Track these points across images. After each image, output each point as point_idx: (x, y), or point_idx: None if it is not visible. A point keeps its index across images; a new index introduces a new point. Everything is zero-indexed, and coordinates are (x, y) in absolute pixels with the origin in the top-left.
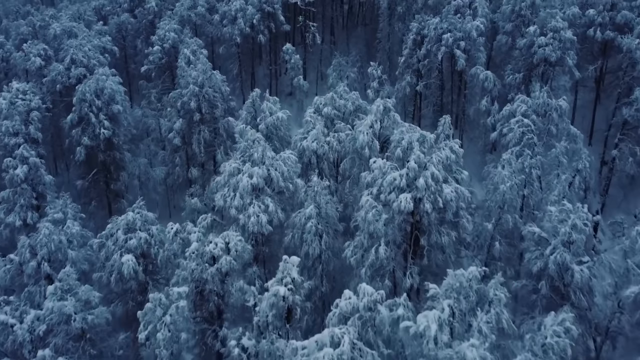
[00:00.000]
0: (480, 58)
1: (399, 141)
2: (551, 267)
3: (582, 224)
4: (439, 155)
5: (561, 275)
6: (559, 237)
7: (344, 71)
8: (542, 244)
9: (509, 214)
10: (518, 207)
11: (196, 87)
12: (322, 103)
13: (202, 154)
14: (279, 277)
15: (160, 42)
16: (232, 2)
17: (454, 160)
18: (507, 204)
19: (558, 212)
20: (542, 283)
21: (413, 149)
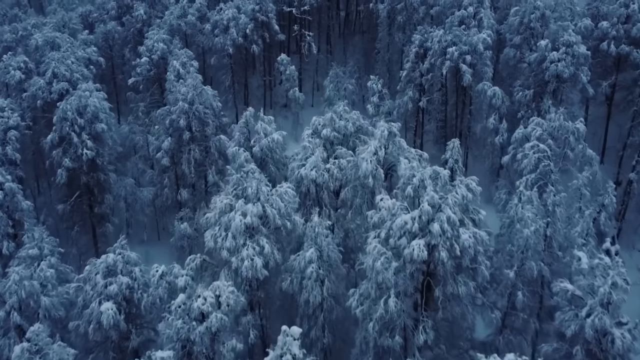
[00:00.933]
0: (487, 73)
1: (409, 178)
2: (588, 331)
3: (622, 281)
4: (455, 196)
5: (599, 340)
6: (596, 298)
7: (341, 83)
8: (575, 301)
9: (533, 260)
10: (542, 250)
11: (186, 104)
12: (320, 124)
13: (192, 174)
14: (277, 353)
15: (148, 53)
16: (224, 10)
17: (470, 199)
18: (531, 249)
19: (593, 265)
20: (577, 348)
21: (425, 187)
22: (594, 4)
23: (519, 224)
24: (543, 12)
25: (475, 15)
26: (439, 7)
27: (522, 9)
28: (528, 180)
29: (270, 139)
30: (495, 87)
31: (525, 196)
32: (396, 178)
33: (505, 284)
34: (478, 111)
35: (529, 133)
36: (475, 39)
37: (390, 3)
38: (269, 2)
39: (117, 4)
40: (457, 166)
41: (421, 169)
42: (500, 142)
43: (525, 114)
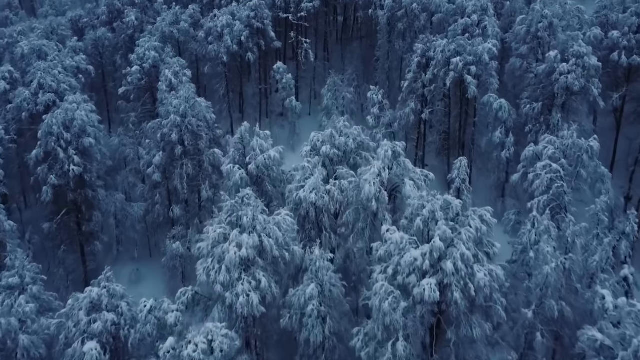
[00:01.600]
0: (492, 84)
1: (418, 208)
2: None
3: None
4: (469, 231)
5: None
6: (629, 350)
7: (339, 91)
8: (604, 351)
9: (553, 298)
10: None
11: (178, 118)
12: (319, 140)
13: (185, 190)
14: None
15: (139, 61)
16: (218, 17)
17: (484, 232)
18: (551, 287)
19: (619, 305)
20: None
21: (437, 220)
22: (603, 12)
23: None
24: (551, 21)
25: (479, 24)
26: (441, 15)
27: (529, 17)
28: (540, 202)
29: (266, 155)
30: (502, 100)
31: (541, 225)
32: (400, 200)
33: (522, 323)
34: (483, 123)
35: (541, 151)
36: (481, 49)
37: (390, 10)
38: (264, 9)
39: (108, 9)
40: (465, 186)
41: (431, 199)
42: (507, 157)
43: (534, 128)
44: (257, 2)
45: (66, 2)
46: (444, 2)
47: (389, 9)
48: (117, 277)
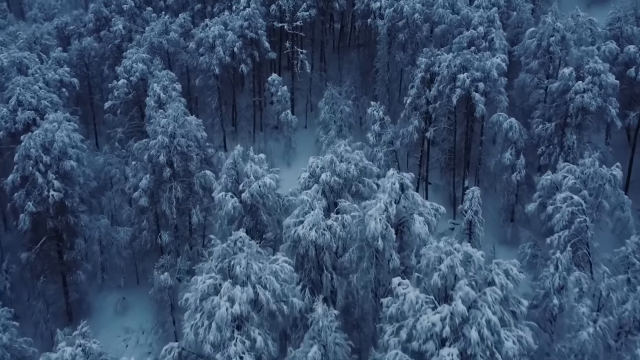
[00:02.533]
0: (502, 102)
1: (435, 262)
2: None
3: None
4: (494, 292)
5: None
6: None
7: (337, 104)
8: None
9: None
10: None
11: (166, 138)
12: (318, 166)
13: (174, 215)
14: None
15: (126, 74)
16: (209, 27)
17: (511, 289)
18: (588, 354)
19: None
20: None
21: (458, 278)
22: (616, 24)
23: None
24: (563, 35)
25: (485, 36)
26: (444, 26)
27: (540, 30)
28: (561, 237)
29: (261, 183)
30: (512, 119)
31: (573, 276)
32: (408, 236)
33: None
34: (490, 141)
35: (560, 181)
36: (489, 65)
37: (391, 20)
38: (258, 18)
39: (95, 17)
40: (477, 218)
41: (449, 249)
42: (518, 180)
43: (547, 150)
44: (251, 12)
45: (55, 5)
46: (448, 13)
47: (389, 18)
48: (102, 307)
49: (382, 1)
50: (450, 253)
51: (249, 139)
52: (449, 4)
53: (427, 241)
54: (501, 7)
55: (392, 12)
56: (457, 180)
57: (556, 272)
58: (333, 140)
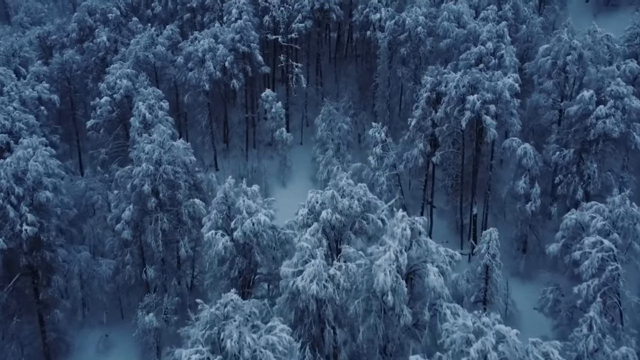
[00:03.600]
0: (514, 125)
1: (463, 343)
2: None
3: None
4: None
5: None
6: None
7: (334, 121)
8: None
9: None
10: None
11: (150, 166)
12: (318, 202)
13: (160, 248)
14: None
15: (109, 91)
16: (198, 40)
17: None
18: None
19: None
20: None
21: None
22: (635, 40)
23: None
24: (580, 53)
25: (495, 52)
26: (449, 40)
27: (555, 47)
28: (590, 287)
29: (255, 220)
30: (527, 145)
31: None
32: (421, 287)
33: None
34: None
35: (587, 222)
36: (500, 85)
37: (392, 33)
38: (250, 30)
39: (79, 26)
40: (495, 262)
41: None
42: (532, 210)
43: (565, 179)
44: (243, 24)
45: (41, 9)
46: (453, 27)
47: (390, 31)
48: (83, 346)
49: (382, 13)
50: (480, 332)
51: (241, 157)
52: (454, 17)
53: (442, 294)
54: (509, 19)
55: (393, 24)
56: (465, 206)
57: (590, 333)
58: (331, 160)
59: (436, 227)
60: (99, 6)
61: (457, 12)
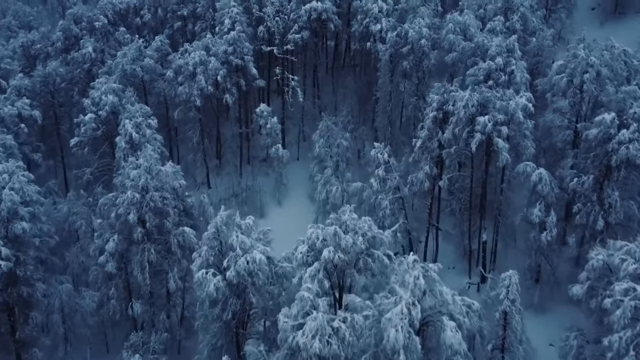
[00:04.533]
0: (528, 148)
1: None
2: None
3: None
4: None
5: None
6: None
7: (333, 137)
8: None
9: None
10: None
11: (136, 194)
12: (319, 238)
13: (147, 281)
14: None
15: (94, 107)
16: (189, 53)
17: None
18: None
19: None
20: None
21: None
22: None
23: None
24: (598, 71)
25: (504, 68)
26: (455, 54)
27: (570, 64)
28: (622, 339)
29: (250, 258)
30: (542, 171)
31: None
32: (435, 341)
33: None
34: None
35: (616, 265)
36: (513, 105)
37: (394, 45)
38: (244, 42)
39: (64, 35)
40: (515, 308)
41: None
42: (548, 240)
43: (584, 208)
44: (236, 35)
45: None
46: (459, 40)
47: (391, 44)
48: None
49: (382, 23)
50: None
51: (235, 174)
52: (460, 29)
53: (460, 350)
54: (517, 31)
55: (395, 36)
56: (473, 230)
57: None
58: (329, 179)
59: (442, 251)
60: (85, 14)
61: (463, 24)
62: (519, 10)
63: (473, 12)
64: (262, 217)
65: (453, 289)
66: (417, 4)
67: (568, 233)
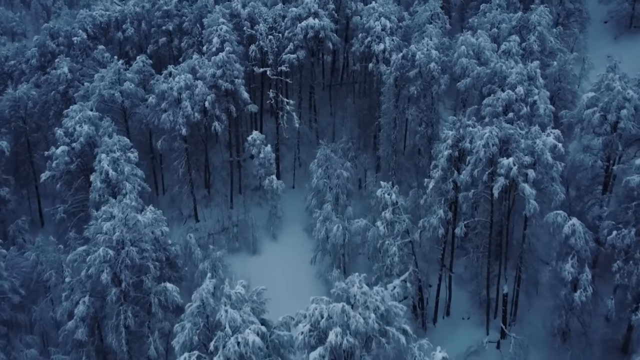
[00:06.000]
0: (557, 194)
1: None
2: None
3: None
4: None
5: None
6: None
7: (332, 167)
8: None
9: None
10: None
11: (110, 251)
12: (323, 316)
13: (124, 348)
14: None
15: (67, 138)
16: (174, 77)
17: None
18: None
19: None
20: None
21: None
22: None
23: None
24: (636, 105)
25: (526, 98)
26: (469, 80)
27: (604, 97)
28: None
29: (242, 340)
30: (575, 222)
31: None
32: None
33: None
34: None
35: None
36: (540, 145)
37: (400, 69)
38: (234, 63)
39: (39, 51)
40: None
41: None
42: (582, 301)
43: (625, 266)
44: (225, 57)
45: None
46: (473, 64)
47: (397, 67)
48: None
49: (386, 43)
50: None
51: (225, 205)
52: (473, 52)
53: None
54: (534, 52)
55: (400, 59)
56: (492, 277)
57: None
58: (329, 216)
59: (456, 298)
60: (62, 28)
61: (477, 46)
62: (536, 30)
63: (486, 31)
64: (255, 254)
65: (468, 344)
66: (423, 21)
67: (602, 291)
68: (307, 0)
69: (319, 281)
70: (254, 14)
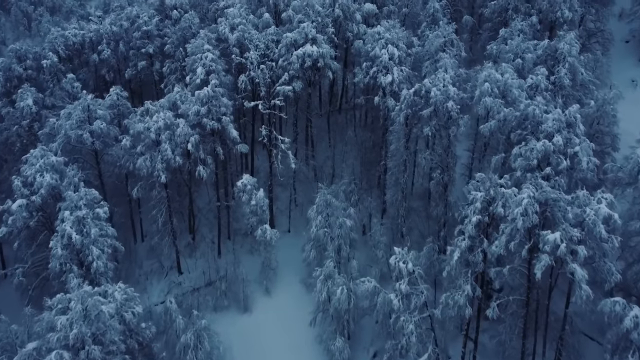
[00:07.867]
0: (613, 274)
1: None
2: None
3: None
4: None
5: None
6: None
7: (333, 214)
8: None
9: None
10: None
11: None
12: None
13: None
14: None
15: (26, 189)
16: (151, 114)
17: None
18: None
19: None
20: None
21: None
22: None
23: None
24: None
25: (564, 148)
26: (494, 122)
27: None
28: None
29: None
30: (637, 311)
31: None
32: None
33: None
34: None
35: None
36: (592, 215)
37: (411, 106)
38: (221, 98)
39: (4, 76)
40: None
41: None
42: None
43: None
44: (211, 92)
45: None
46: (499, 104)
47: (408, 104)
48: None
49: (394, 74)
50: None
51: (211, 254)
52: (498, 90)
53: None
54: (565, 87)
55: (412, 95)
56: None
57: None
58: (331, 274)
59: None
60: (31, 50)
61: (504, 84)
62: (566, 61)
63: (508, 61)
64: (247, 312)
65: None
66: (435, 49)
67: None
68: (303, 25)
69: (320, 347)
70: (243, 39)
